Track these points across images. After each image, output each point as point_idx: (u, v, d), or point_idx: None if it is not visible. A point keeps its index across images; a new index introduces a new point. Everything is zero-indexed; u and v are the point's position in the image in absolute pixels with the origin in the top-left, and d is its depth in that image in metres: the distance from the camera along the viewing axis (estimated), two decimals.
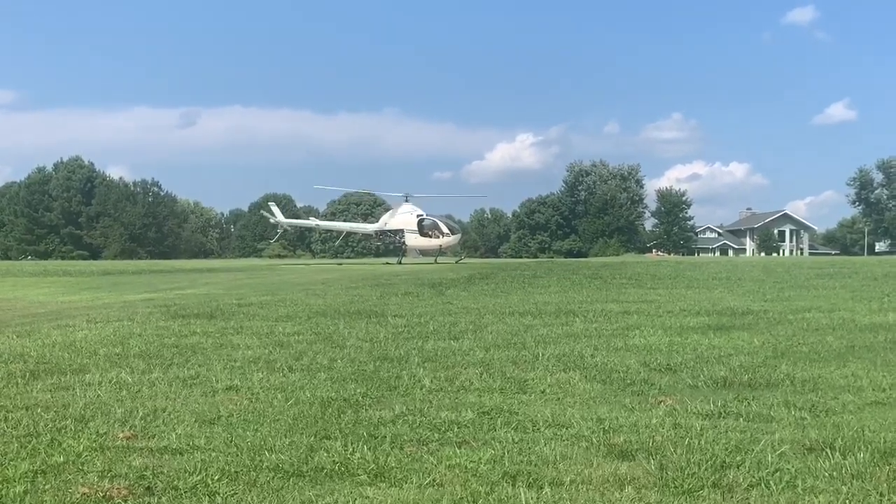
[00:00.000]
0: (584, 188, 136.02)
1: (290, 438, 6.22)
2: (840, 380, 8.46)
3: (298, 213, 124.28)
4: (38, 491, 5.10)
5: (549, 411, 7.11)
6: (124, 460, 5.69)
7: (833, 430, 6.35)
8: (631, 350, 10.61)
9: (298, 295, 21.15)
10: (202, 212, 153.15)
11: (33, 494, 5.04)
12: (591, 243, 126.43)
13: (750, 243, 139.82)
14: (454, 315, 15.25)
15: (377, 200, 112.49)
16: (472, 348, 10.81)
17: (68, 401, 7.60)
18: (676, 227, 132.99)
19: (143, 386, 8.33)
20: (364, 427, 6.58)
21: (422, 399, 7.65)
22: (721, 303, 17.44)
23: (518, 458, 5.73)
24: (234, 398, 7.70)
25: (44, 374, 9.07)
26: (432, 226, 62.94)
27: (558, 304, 17.30)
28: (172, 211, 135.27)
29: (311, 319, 14.63)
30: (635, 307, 16.44)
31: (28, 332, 12.86)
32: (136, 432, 6.44)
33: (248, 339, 11.95)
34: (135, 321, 14.43)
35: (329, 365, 9.57)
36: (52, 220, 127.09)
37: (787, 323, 13.51)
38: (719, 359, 9.82)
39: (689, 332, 12.31)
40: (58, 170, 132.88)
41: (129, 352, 10.71)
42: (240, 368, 9.32)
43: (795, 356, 10.01)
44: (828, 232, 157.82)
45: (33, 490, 5.11)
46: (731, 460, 5.59)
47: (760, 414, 6.99)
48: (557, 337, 11.89)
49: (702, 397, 7.67)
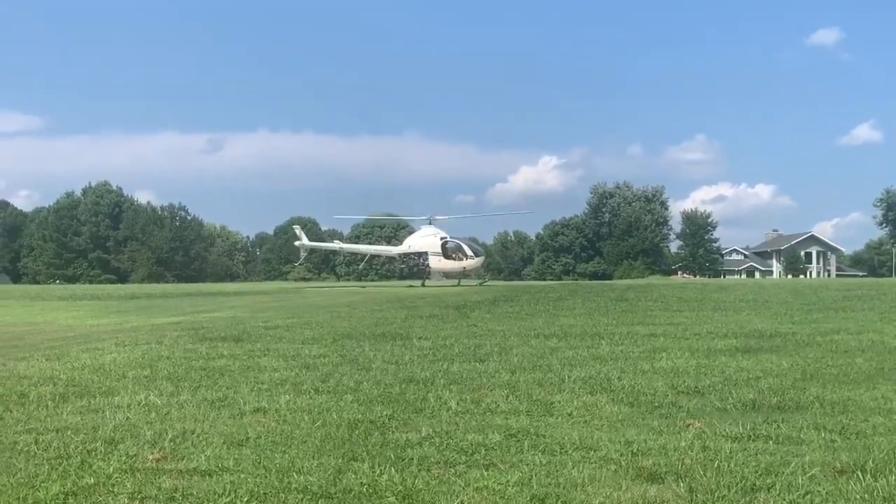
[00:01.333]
0: (608, 210, 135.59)
1: (318, 460, 6.24)
2: (870, 402, 8.39)
3: (323, 236, 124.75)
4: None
5: (576, 434, 7.09)
6: (154, 482, 5.74)
7: (864, 452, 6.31)
8: (658, 373, 10.56)
9: (324, 317, 21.22)
10: (228, 235, 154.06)
11: None
12: (616, 265, 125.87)
13: (777, 265, 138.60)
14: (479, 337, 15.24)
15: (401, 223, 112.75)
16: (497, 370, 10.80)
17: (98, 423, 7.67)
18: (702, 248, 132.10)
19: (171, 408, 8.39)
20: (391, 449, 6.60)
21: (448, 421, 7.66)
22: (748, 325, 17.32)
23: (546, 480, 5.72)
24: (261, 420, 7.75)
25: (73, 397, 9.15)
26: (456, 248, 62.85)
27: (584, 327, 17.25)
28: (199, 235, 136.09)
29: (336, 342, 14.67)
30: (662, 330, 16.36)
31: (57, 356, 12.97)
32: (165, 454, 6.49)
33: (274, 361, 12.00)
34: (163, 344, 14.52)
35: (355, 387, 9.59)
36: (81, 244, 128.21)
37: (815, 345, 13.40)
38: (748, 381, 9.76)
39: (716, 355, 12.23)
40: (86, 195, 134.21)
41: (157, 374, 10.79)
42: (267, 391, 9.37)
43: (824, 378, 9.93)
44: (855, 253, 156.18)
45: None
46: (762, 483, 5.56)
47: (790, 436, 6.95)
48: (584, 359, 11.85)
49: (731, 420, 7.62)
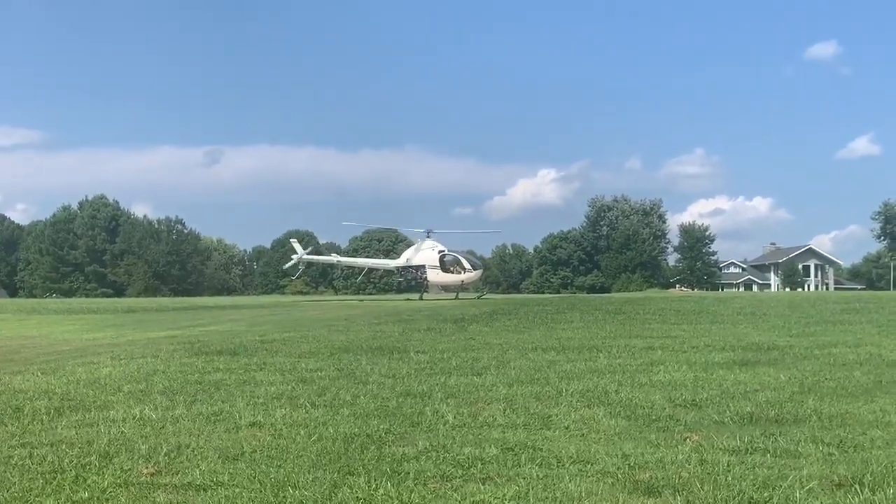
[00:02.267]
0: (606, 223, 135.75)
1: (314, 474, 6.21)
2: (868, 415, 8.37)
3: (321, 249, 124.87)
4: None
5: (573, 447, 7.07)
6: (149, 496, 5.71)
7: (862, 465, 6.28)
8: (655, 386, 10.54)
9: (321, 331, 21.18)
10: (225, 249, 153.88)
11: None
12: (614, 279, 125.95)
13: (774, 278, 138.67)
14: (477, 351, 15.21)
15: (399, 236, 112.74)
16: (495, 384, 10.77)
17: (93, 437, 7.64)
18: (700, 262, 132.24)
19: (166, 422, 8.36)
20: (387, 463, 6.57)
21: (445, 435, 7.63)
22: (746, 338, 17.30)
23: (543, 494, 5.70)
24: (257, 434, 7.72)
25: (68, 411, 9.12)
26: (454, 261, 62.82)
27: (581, 340, 17.22)
28: (196, 248, 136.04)
29: (333, 355, 14.64)
30: (659, 343, 16.34)
31: (53, 370, 12.94)
32: (160, 468, 6.46)
33: (271, 375, 11.97)
34: (159, 358, 14.49)
35: (352, 401, 9.56)
36: (77, 258, 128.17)
37: (813, 358, 13.38)
38: (745, 394, 9.74)
39: (714, 368, 12.21)
40: (83, 208, 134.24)
41: (152, 388, 10.76)
42: (263, 405, 9.34)
43: (822, 391, 9.91)
44: (853, 266, 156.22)
45: None
46: (759, 497, 5.53)
47: (788, 450, 6.92)
48: (581, 373, 11.83)
49: (728, 433, 7.60)
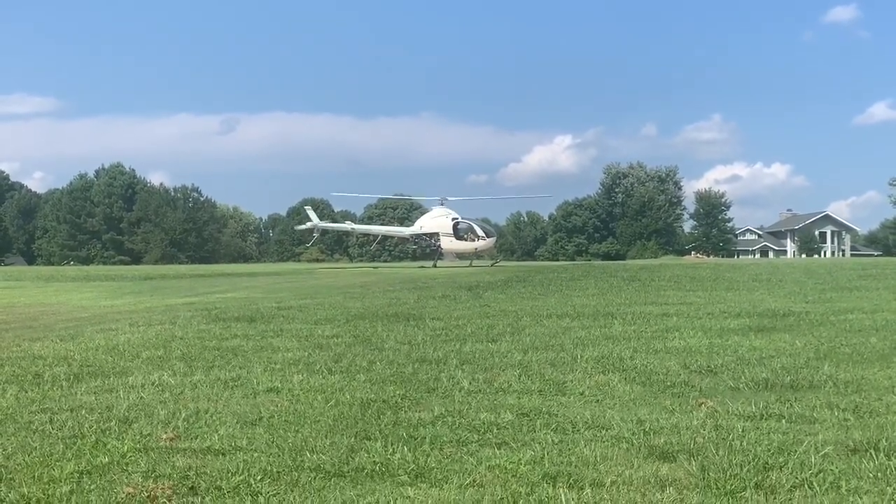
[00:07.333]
0: (621, 190, 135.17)
1: (331, 439, 6.26)
2: (884, 381, 8.36)
3: (336, 217, 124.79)
4: (83, 491, 5.19)
5: (588, 413, 7.09)
6: (168, 461, 5.77)
7: (877, 431, 6.29)
8: (671, 352, 10.54)
9: (337, 298, 21.27)
10: (241, 216, 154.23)
11: (79, 494, 5.13)
12: (629, 246, 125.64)
13: (791, 245, 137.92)
14: (491, 318, 15.24)
15: (413, 204, 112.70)
16: (510, 350, 10.80)
17: (112, 403, 7.71)
18: (715, 228, 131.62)
19: (185, 388, 8.43)
20: (404, 428, 6.62)
21: (461, 401, 7.67)
22: (762, 304, 17.26)
23: (558, 459, 5.73)
24: (274, 400, 7.78)
25: (88, 377, 9.20)
26: (468, 229, 62.76)
27: (596, 307, 17.23)
28: (212, 216, 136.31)
29: (349, 322, 14.70)
30: (674, 309, 16.33)
31: (72, 336, 13.04)
32: (179, 433, 6.52)
33: (287, 341, 12.04)
34: (176, 325, 14.59)
35: (368, 367, 9.62)
36: (94, 225, 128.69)
37: (829, 324, 13.34)
38: (760, 360, 9.73)
39: (729, 334, 12.20)
40: (99, 176, 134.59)
41: (171, 354, 10.83)
42: (280, 370, 9.40)
43: (838, 357, 9.89)
44: (870, 233, 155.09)
45: (79, 490, 5.20)
46: (774, 462, 5.54)
47: (803, 415, 6.93)
48: (596, 339, 11.84)
49: (743, 399, 7.61)
